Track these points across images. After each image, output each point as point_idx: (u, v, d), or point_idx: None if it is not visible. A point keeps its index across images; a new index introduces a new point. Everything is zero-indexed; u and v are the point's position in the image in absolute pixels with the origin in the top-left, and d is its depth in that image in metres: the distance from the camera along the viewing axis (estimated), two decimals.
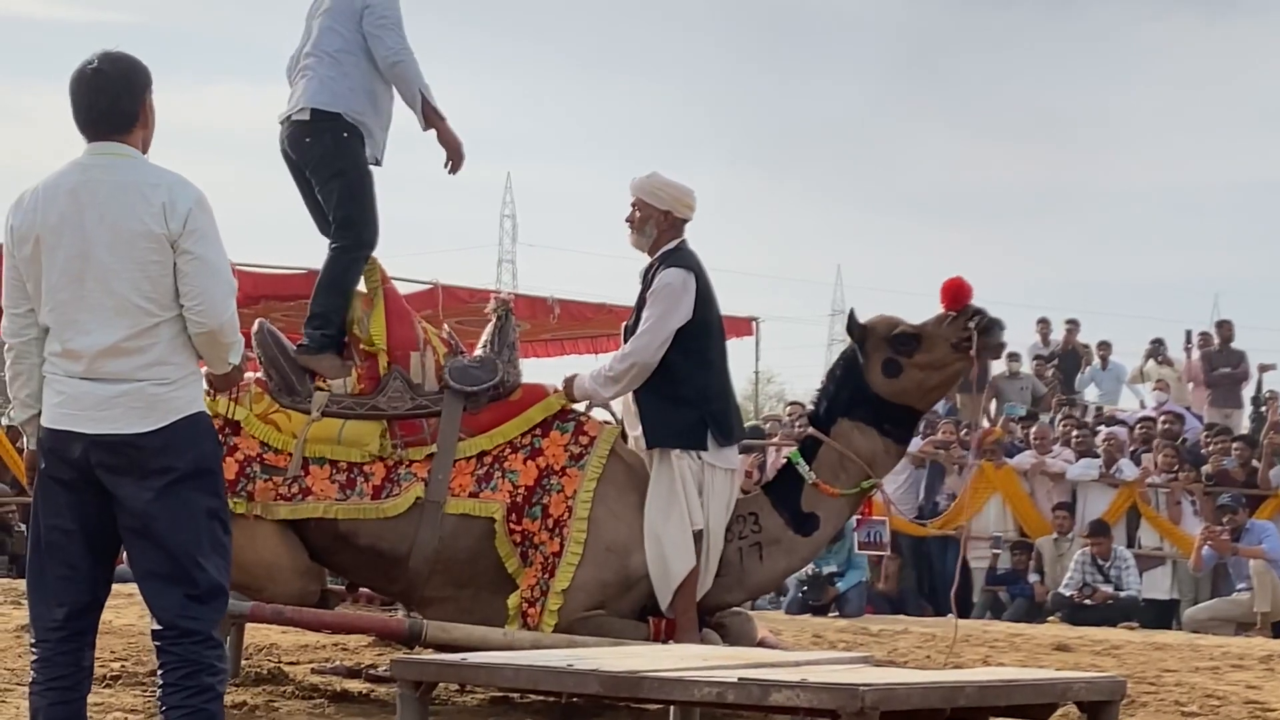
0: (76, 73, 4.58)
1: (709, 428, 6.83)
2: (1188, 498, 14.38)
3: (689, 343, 6.86)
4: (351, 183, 7.07)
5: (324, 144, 7.04)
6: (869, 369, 6.99)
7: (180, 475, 4.50)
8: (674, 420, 6.82)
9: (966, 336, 6.85)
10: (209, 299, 4.50)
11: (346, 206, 7.05)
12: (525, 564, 6.77)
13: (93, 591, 4.65)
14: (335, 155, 7.04)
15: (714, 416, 6.86)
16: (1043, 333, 19.84)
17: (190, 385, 4.58)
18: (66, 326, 4.52)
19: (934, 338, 6.92)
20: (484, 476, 6.82)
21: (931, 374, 6.98)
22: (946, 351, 6.91)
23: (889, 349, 6.96)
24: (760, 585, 7.34)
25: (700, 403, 6.85)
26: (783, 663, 5.04)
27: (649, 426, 6.85)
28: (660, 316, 6.84)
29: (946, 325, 6.90)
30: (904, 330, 6.97)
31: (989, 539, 14.77)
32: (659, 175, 7.05)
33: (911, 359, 6.94)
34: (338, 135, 7.02)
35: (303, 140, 7.07)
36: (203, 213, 4.52)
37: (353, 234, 7.06)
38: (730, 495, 6.95)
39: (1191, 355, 18.67)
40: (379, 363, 6.97)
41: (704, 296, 6.91)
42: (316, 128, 7.02)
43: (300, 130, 7.07)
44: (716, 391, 6.94)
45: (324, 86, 7.02)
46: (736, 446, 7.09)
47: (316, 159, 7.07)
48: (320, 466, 6.82)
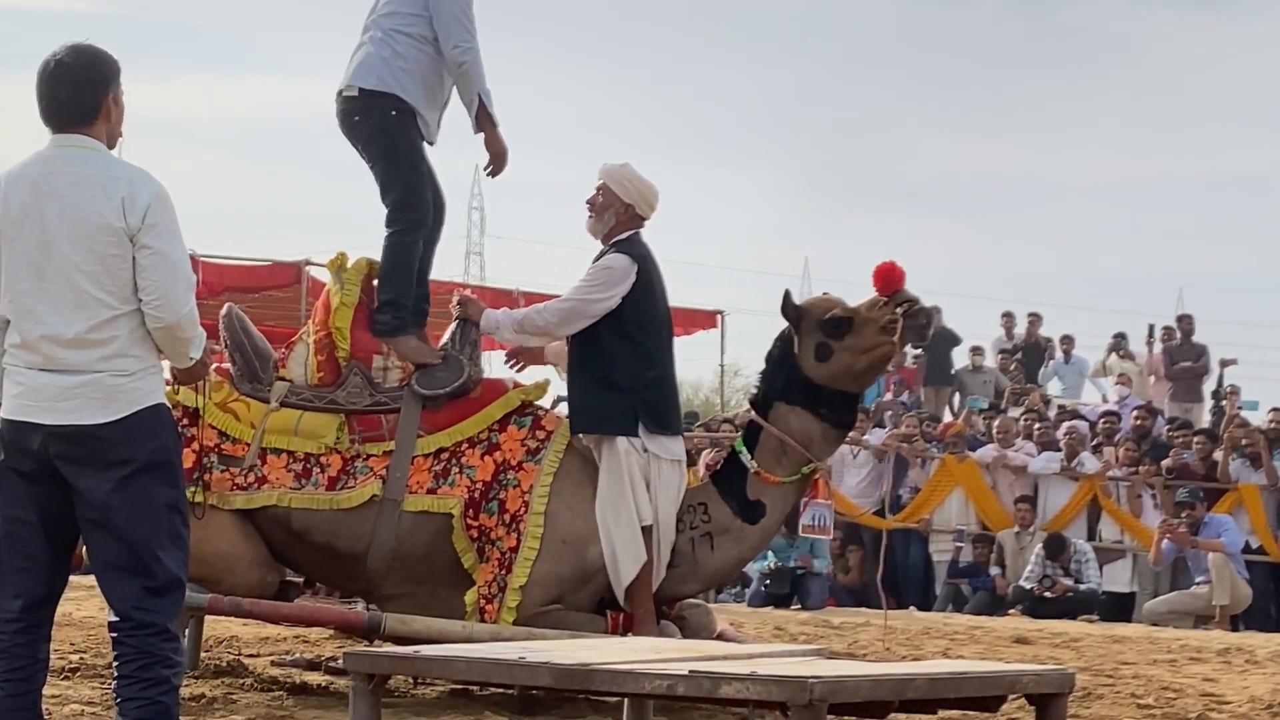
0: (42, 65, 4.60)
1: (639, 416, 6.81)
2: (1148, 491, 14.46)
3: (628, 329, 6.85)
4: (402, 162, 6.97)
5: (372, 123, 6.95)
6: (801, 353, 6.99)
7: (139, 467, 4.51)
8: (603, 406, 6.82)
9: (894, 320, 6.87)
10: (167, 293, 4.52)
11: (398, 187, 6.97)
12: (482, 559, 6.78)
13: (50, 583, 4.66)
14: (384, 134, 6.96)
15: (646, 405, 6.84)
16: (1006, 326, 19.94)
17: (150, 377, 4.59)
18: (25, 318, 4.53)
19: (865, 321, 6.94)
20: (442, 473, 6.82)
21: (860, 357, 6.97)
22: (875, 335, 6.91)
23: (820, 332, 6.96)
24: (714, 575, 7.36)
25: (632, 390, 6.83)
26: (734, 655, 5.07)
27: (576, 410, 6.88)
28: (587, 291, 6.83)
29: (878, 309, 6.93)
30: (836, 314, 6.98)
31: (952, 532, 14.85)
32: (631, 168, 7.05)
33: (841, 342, 6.94)
34: (386, 114, 6.92)
35: (351, 118, 6.99)
36: (162, 207, 4.53)
37: (406, 215, 6.98)
38: (679, 487, 6.96)
39: (1153, 349, 18.79)
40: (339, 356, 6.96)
41: (646, 287, 6.89)
42: (365, 105, 6.94)
43: (350, 107, 6.99)
44: (652, 381, 6.93)
45: (375, 66, 6.92)
46: (680, 438, 7.11)
47: (365, 137, 7.00)
48: (277, 456, 6.83)
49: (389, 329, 6.98)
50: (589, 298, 6.84)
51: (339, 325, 6.96)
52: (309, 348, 7.01)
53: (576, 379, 6.92)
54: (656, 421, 6.87)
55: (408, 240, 7.01)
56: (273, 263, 17.37)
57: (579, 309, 6.85)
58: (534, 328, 6.96)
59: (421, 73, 6.96)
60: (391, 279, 7.01)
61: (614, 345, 6.85)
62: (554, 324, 6.91)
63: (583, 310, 6.84)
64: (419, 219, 7.02)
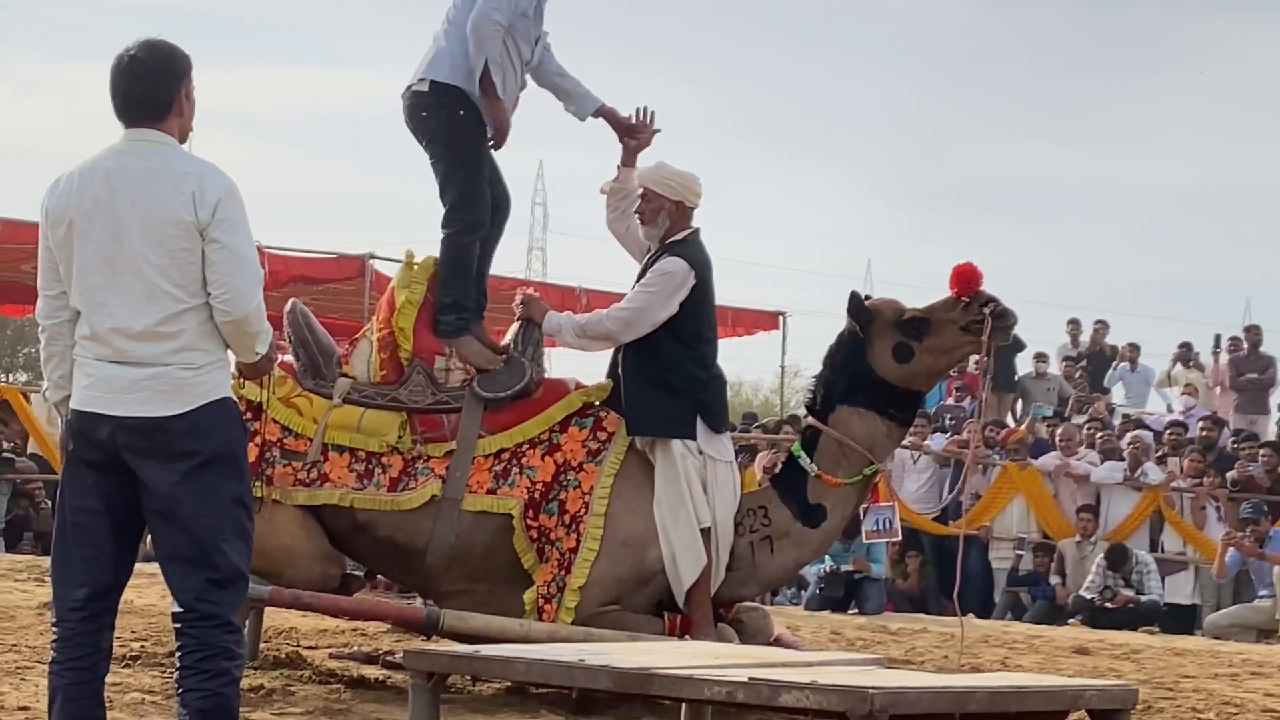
0: (115, 60, 4.63)
1: (699, 415, 6.83)
2: (1212, 503, 14.34)
3: (684, 334, 6.86)
4: (464, 163, 6.96)
5: (439, 119, 6.95)
6: (875, 353, 6.99)
7: (205, 460, 4.54)
8: (661, 408, 6.82)
9: (978, 320, 6.88)
10: (235, 288, 4.54)
11: (457, 188, 6.96)
12: (542, 560, 6.79)
13: (115, 573, 4.69)
14: (449, 133, 6.96)
15: (704, 406, 6.86)
16: (1072, 333, 19.79)
17: (217, 371, 4.62)
18: (96, 310, 4.56)
19: (943, 322, 6.96)
20: (502, 473, 6.82)
21: (940, 358, 7.06)
22: (956, 335, 6.95)
23: (900, 333, 6.97)
24: (773, 578, 7.36)
25: (689, 392, 6.84)
26: (794, 663, 5.05)
27: (634, 413, 6.86)
28: (648, 299, 6.84)
29: (959, 310, 6.93)
30: (914, 314, 6.99)
31: (1012, 540, 14.77)
32: (667, 165, 7.05)
33: (922, 343, 6.97)
34: (454, 113, 6.92)
35: (419, 113, 6.98)
36: (232, 202, 4.56)
37: (464, 217, 6.97)
38: (734, 488, 6.96)
39: (1219, 359, 18.62)
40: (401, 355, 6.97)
41: (703, 292, 6.91)
42: (434, 101, 6.92)
43: (418, 102, 6.98)
44: (707, 382, 6.94)
45: (445, 60, 6.92)
46: (729, 436, 7.10)
47: (430, 134, 6.99)
48: (339, 454, 6.85)
49: (452, 330, 6.99)
50: (651, 305, 6.84)
51: (402, 325, 6.98)
52: (372, 345, 7.03)
53: (632, 382, 6.91)
54: (712, 421, 6.88)
55: (465, 241, 7.00)
56: (337, 255, 17.44)
57: (641, 315, 6.85)
58: (596, 333, 6.96)
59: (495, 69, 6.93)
60: (452, 281, 7.01)
61: (670, 348, 6.86)
62: (616, 331, 6.91)
63: (645, 318, 6.84)
64: (476, 220, 7.00)
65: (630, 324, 6.87)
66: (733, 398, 39.89)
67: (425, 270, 7.07)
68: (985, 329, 6.88)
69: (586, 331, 6.97)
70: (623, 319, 6.89)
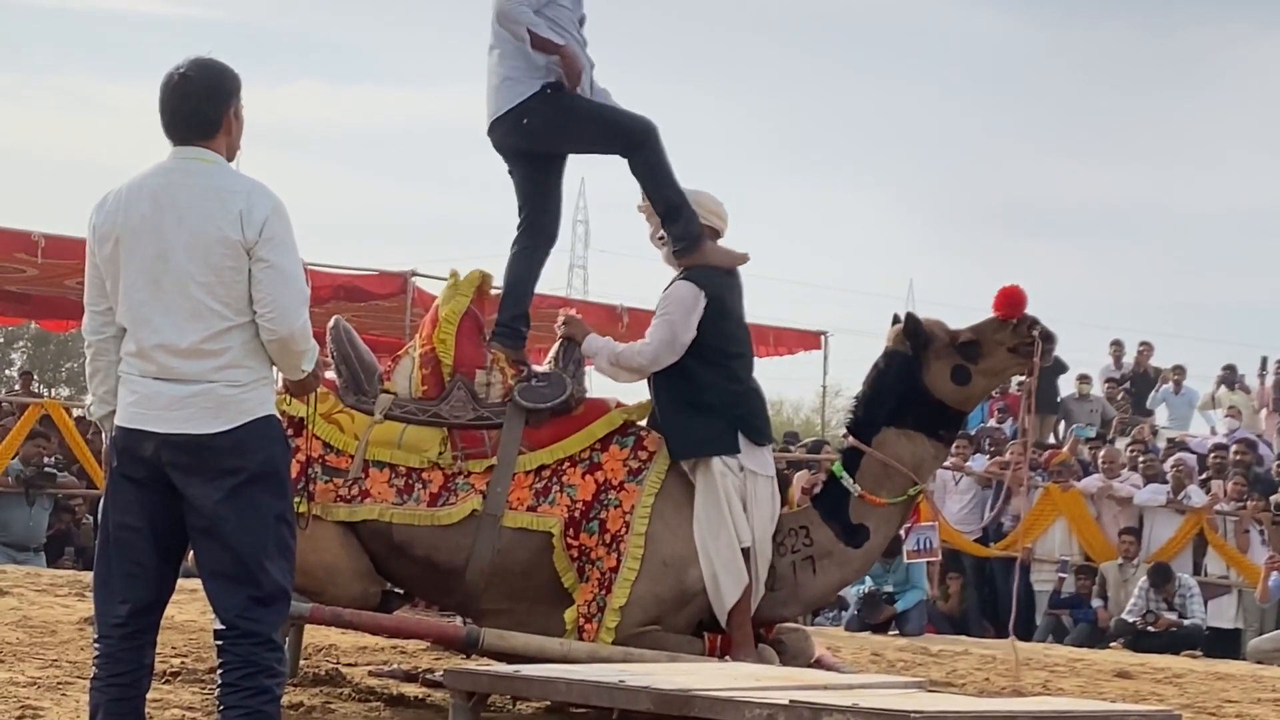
0: (165, 78, 4.66)
1: (739, 430, 6.83)
2: (1256, 526, 14.24)
3: (710, 352, 6.86)
4: (588, 115, 7.00)
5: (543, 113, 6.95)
6: (933, 375, 7.01)
7: (249, 477, 4.55)
8: (700, 429, 6.81)
9: (1028, 342, 6.94)
10: (281, 306, 4.56)
11: (607, 124, 7.00)
12: (582, 579, 6.78)
13: (157, 590, 4.71)
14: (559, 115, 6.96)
15: (742, 420, 6.86)
16: (1115, 355, 19.71)
17: (262, 388, 4.64)
18: (141, 326, 4.58)
19: (993, 344, 7.01)
20: (542, 490, 6.83)
21: (992, 380, 7.19)
22: (1006, 357, 7.03)
23: (957, 355, 6.98)
24: (815, 599, 7.35)
25: (725, 408, 6.84)
26: (836, 685, 5.04)
27: (675, 439, 6.86)
28: (666, 328, 6.85)
29: (1009, 332, 6.96)
30: (968, 337, 7.02)
31: (1055, 562, 14.69)
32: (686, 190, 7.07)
33: (976, 365, 7.01)
34: (546, 98, 6.94)
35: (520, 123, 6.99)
36: (280, 221, 4.58)
37: (632, 133, 6.96)
38: (773, 503, 6.95)
39: (1265, 381, 18.52)
40: (443, 370, 6.99)
41: (720, 308, 6.89)
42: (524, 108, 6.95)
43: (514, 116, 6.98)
44: (742, 395, 6.95)
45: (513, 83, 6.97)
46: (770, 449, 7.10)
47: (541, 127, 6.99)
48: (380, 470, 6.86)
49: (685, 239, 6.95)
50: (672, 333, 6.85)
51: (443, 338, 6.99)
52: (414, 361, 7.04)
53: (666, 406, 6.91)
54: (753, 434, 6.88)
55: (648, 148, 6.97)
56: (379, 272, 17.50)
57: (666, 345, 6.87)
58: (628, 365, 6.97)
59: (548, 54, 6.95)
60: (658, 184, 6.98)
61: (699, 369, 6.86)
62: (646, 364, 6.92)
63: (670, 346, 6.86)
64: (646, 128, 6.98)
65: (658, 355, 6.88)
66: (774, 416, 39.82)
67: (470, 284, 7.10)
68: (1036, 351, 6.93)
69: (620, 362, 6.99)
70: (650, 352, 6.91)
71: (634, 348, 6.99)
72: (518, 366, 7.05)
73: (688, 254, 6.96)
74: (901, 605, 13.49)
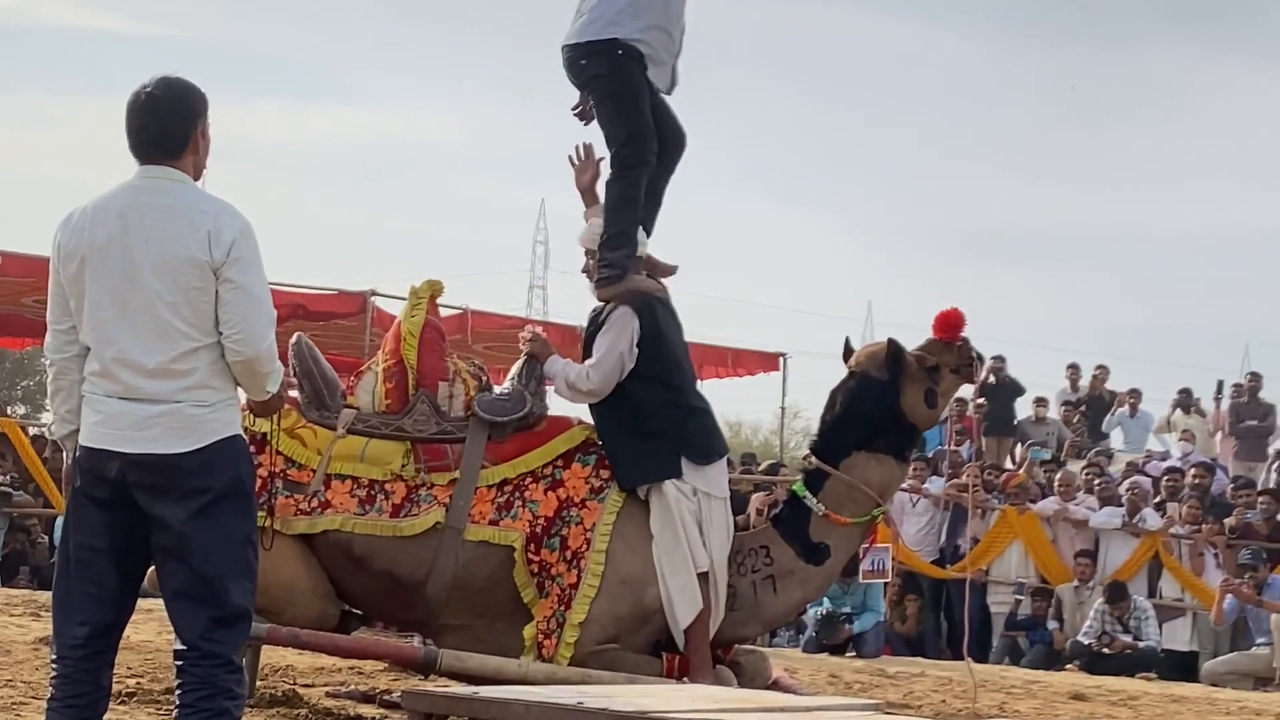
0: (132, 97, 4.64)
1: (682, 453, 6.87)
2: (1210, 550, 14.32)
3: (649, 374, 6.93)
4: (627, 103, 7.04)
5: (598, 65, 7.02)
6: (911, 401, 7.12)
7: (216, 496, 4.54)
8: (644, 455, 6.87)
9: (967, 363, 7.15)
10: (248, 327, 4.55)
11: (625, 128, 7.03)
12: (542, 595, 6.79)
13: (117, 611, 4.68)
14: (610, 77, 7.03)
15: (685, 442, 6.91)
16: (1072, 378, 19.79)
17: (228, 408, 4.63)
18: (107, 346, 4.56)
19: (943, 365, 7.18)
20: (504, 505, 6.85)
21: (946, 401, 7.37)
22: (952, 379, 7.22)
23: (929, 380, 7.10)
24: (776, 617, 7.40)
25: (668, 433, 6.90)
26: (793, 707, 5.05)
27: (621, 466, 6.90)
28: (610, 349, 6.91)
29: (953, 353, 7.14)
30: (930, 361, 7.15)
31: (1011, 584, 14.75)
32: (599, 223, 7.12)
33: (939, 388, 7.16)
34: (613, 55, 7.00)
35: (578, 62, 7.08)
36: (247, 241, 4.57)
37: (633, 154, 7.03)
38: (728, 524, 6.98)
39: (1221, 405, 18.63)
40: (407, 384, 7.00)
41: (654, 329, 6.95)
42: (590, 50, 7.02)
43: (575, 54, 7.08)
44: (687, 415, 6.99)
45: (600, 17, 7.02)
46: (724, 464, 7.13)
47: (590, 80, 7.09)
48: (342, 482, 6.87)
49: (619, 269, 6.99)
50: (616, 351, 6.91)
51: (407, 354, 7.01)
52: (377, 376, 7.07)
53: (612, 436, 6.96)
54: (700, 453, 6.91)
55: (634, 175, 7.05)
56: (339, 291, 17.47)
57: (612, 362, 6.93)
58: (583, 387, 7.01)
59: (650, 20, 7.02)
60: (620, 213, 7.04)
61: (641, 395, 6.92)
62: (597, 385, 6.96)
63: (615, 363, 6.92)
64: (644, 158, 7.05)
65: (606, 374, 6.94)
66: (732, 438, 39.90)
67: (423, 295, 7.12)
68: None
69: (575, 385, 7.04)
70: (600, 372, 6.96)
71: (583, 372, 7.02)
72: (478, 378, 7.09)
73: (610, 284, 7.01)
74: (859, 627, 13.52)
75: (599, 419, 7.04)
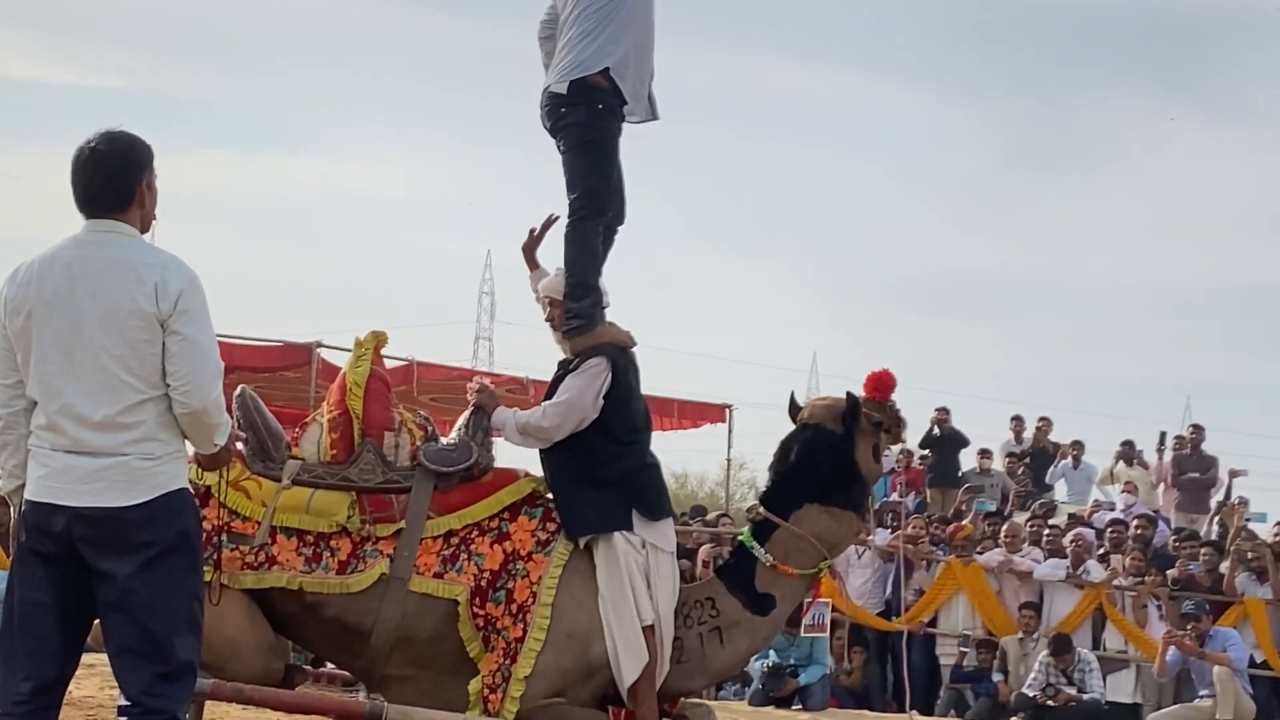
0: (76, 152, 4.65)
1: (634, 506, 6.87)
2: (1154, 601, 14.41)
3: (612, 428, 6.92)
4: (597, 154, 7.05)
5: (578, 115, 7.00)
6: (864, 455, 7.14)
7: (162, 550, 4.52)
8: (596, 506, 6.85)
9: (896, 423, 7.23)
10: (195, 380, 4.55)
11: (587, 178, 7.02)
12: (487, 649, 6.77)
13: (61, 667, 4.66)
14: (586, 127, 7.02)
15: (638, 496, 6.90)
16: (1016, 430, 19.92)
17: (175, 461, 4.62)
18: (53, 400, 4.55)
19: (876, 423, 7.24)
20: (450, 558, 6.83)
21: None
22: (885, 436, 7.25)
23: (876, 434, 7.15)
24: (724, 669, 7.37)
25: (621, 485, 6.89)
26: None
27: (570, 516, 6.89)
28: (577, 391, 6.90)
29: (886, 413, 7.19)
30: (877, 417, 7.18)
31: (956, 636, 14.79)
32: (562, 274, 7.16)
33: (880, 442, 7.21)
34: (593, 108, 7.00)
35: (558, 109, 7.05)
36: (195, 294, 4.57)
37: (588, 202, 7.01)
38: (674, 578, 6.99)
39: (1164, 456, 18.78)
40: (353, 434, 6.98)
41: (625, 385, 6.96)
42: (573, 99, 7.00)
43: (556, 100, 7.06)
44: (641, 470, 7.01)
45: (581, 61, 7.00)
46: (671, 522, 7.14)
47: (567, 126, 7.05)
48: (288, 537, 6.84)
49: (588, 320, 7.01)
50: (582, 397, 6.89)
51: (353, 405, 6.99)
52: (322, 427, 7.04)
53: (562, 483, 6.95)
54: (652, 509, 6.92)
55: (590, 225, 7.05)
56: (284, 343, 17.41)
57: (574, 405, 6.90)
58: (534, 430, 6.99)
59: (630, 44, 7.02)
60: (579, 262, 7.04)
61: (601, 446, 6.91)
62: (554, 426, 6.94)
63: (578, 406, 6.89)
64: (600, 209, 7.05)
65: (565, 415, 6.91)
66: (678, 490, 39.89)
67: (368, 345, 7.11)
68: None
69: (526, 429, 7.01)
70: (558, 411, 6.93)
71: (537, 413, 7.01)
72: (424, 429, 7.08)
73: (580, 333, 7.02)
74: (805, 679, 13.53)
75: (550, 467, 7.03)
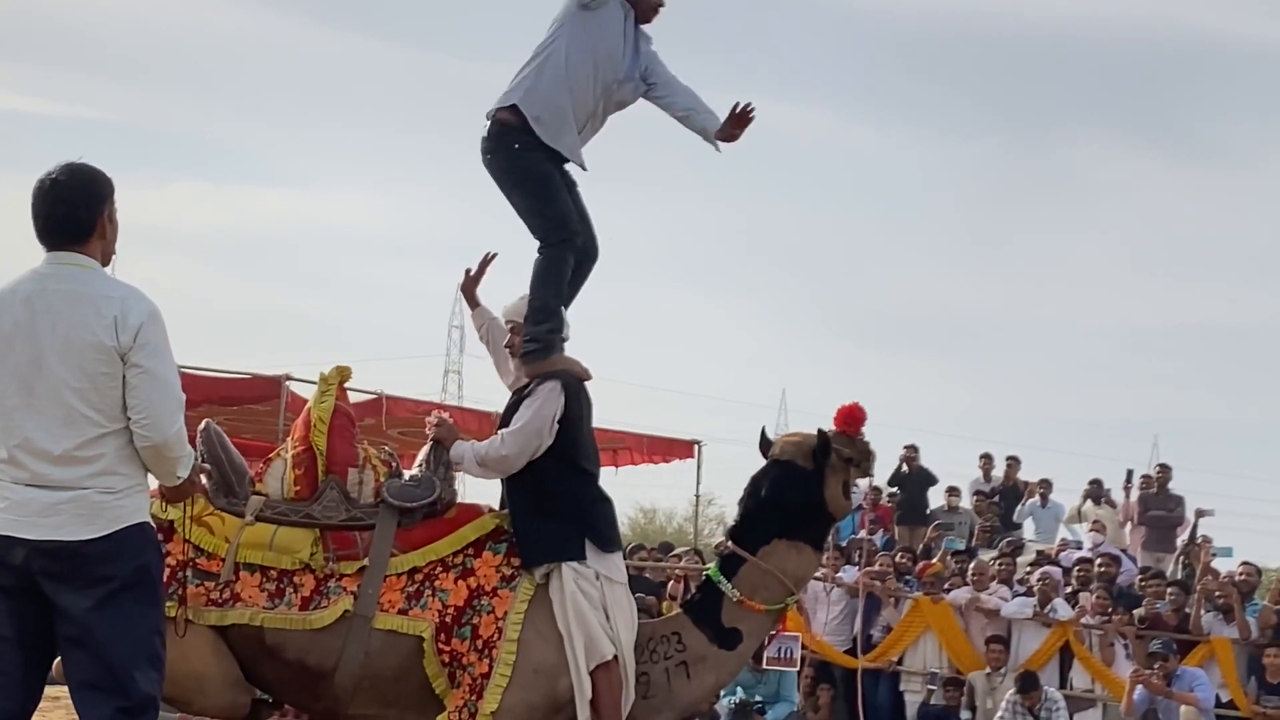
0: (37, 184, 4.64)
1: (587, 538, 6.86)
2: (1120, 640, 14.43)
3: (563, 460, 6.92)
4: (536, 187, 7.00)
5: (500, 160, 7.00)
6: (834, 491, 7.14)
7: (122, 584, 4.50)
8: (549, 536, 6.85)
9: (865, 457, 7.20)
10: (155, 413, 4.53)
11: (538, 212, 6.98)
12: (453, 685, 6.74)
13: (23, 700, 4.63)
14: (512, 170, 7.00)
15: (591, 528, 6.90)
16: (985, 468, 19.96)
17: (136, 495, 4.60)
18: (13, 433, 4.53)
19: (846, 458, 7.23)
20: (414, 594, 6.81)
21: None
22: (854, 471, 7.23)
23: (848, 470, 7.13)
24: (690, 704, 7.35)
25: (574, 516, 6.89)
26: None
27: (526, 547, 6.88)
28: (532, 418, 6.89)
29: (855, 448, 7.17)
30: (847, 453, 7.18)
31: (924, 674, 14.79)
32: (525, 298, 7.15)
33: (850, 478, 7.20)
34: (509, 147, 6.97)
35: (485, 156, 7.05)
36: (155, 327, 4.56)
37: (553, 231, 6.97)
38: (632, 608, 6.98)
39: (1130, 495, 18.83)
40: (317, 470, 6.96)
41: (577, 413, 6.96)
42: (493, 142, 7.00)
43: (483, 147, 7.05)
44: (594, 502, 7.00)
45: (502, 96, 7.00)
46: (621, 555, 7.13)
47: (498, 174, 7.04)
48: (251, 574, 6.80)
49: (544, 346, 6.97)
50: (537, 421, 6.89)
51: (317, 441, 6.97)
52: (286, 463, 7.01)
53: (521, 516, 6.94)
54: (605, 540, 6.93)
55: (557, 251, 7.00)
56: (253, 375, 17.33)
57: (531, 432, 6.89)
58: (493, 459, 6.98)
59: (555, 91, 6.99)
60: (543, 285, 7.00)
61: (553, 476, 6.92)
62: (511, 454, 6.93)
63: (535, 432, 6.89)
64: (566, 237, 7.00)
65: (522, 442, 6.90)
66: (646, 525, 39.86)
67: (332, 381, 7.09)
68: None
69: (485, 460, 7.01)
70: (514, 439, 6.92)
71: (495, 442, 7.00)
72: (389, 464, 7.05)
73: (536, 358, 7.00)
74: (772, 716, 13.52)
75: (510, 498, 7.02)
